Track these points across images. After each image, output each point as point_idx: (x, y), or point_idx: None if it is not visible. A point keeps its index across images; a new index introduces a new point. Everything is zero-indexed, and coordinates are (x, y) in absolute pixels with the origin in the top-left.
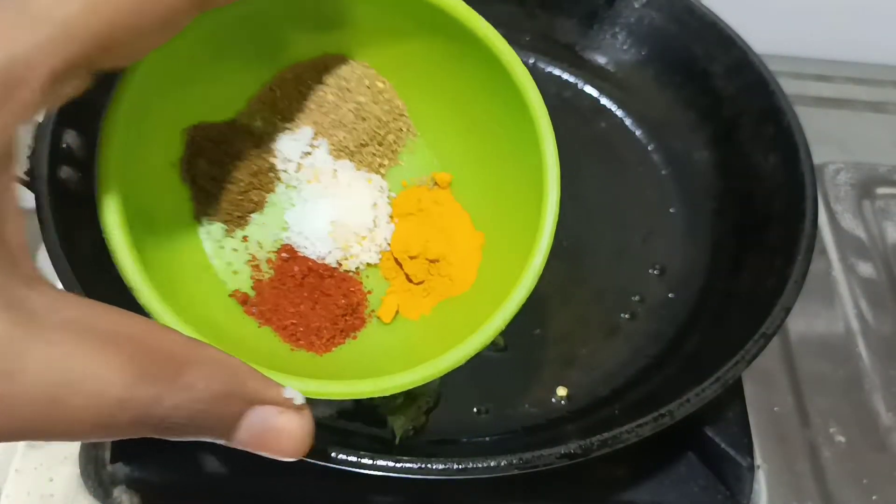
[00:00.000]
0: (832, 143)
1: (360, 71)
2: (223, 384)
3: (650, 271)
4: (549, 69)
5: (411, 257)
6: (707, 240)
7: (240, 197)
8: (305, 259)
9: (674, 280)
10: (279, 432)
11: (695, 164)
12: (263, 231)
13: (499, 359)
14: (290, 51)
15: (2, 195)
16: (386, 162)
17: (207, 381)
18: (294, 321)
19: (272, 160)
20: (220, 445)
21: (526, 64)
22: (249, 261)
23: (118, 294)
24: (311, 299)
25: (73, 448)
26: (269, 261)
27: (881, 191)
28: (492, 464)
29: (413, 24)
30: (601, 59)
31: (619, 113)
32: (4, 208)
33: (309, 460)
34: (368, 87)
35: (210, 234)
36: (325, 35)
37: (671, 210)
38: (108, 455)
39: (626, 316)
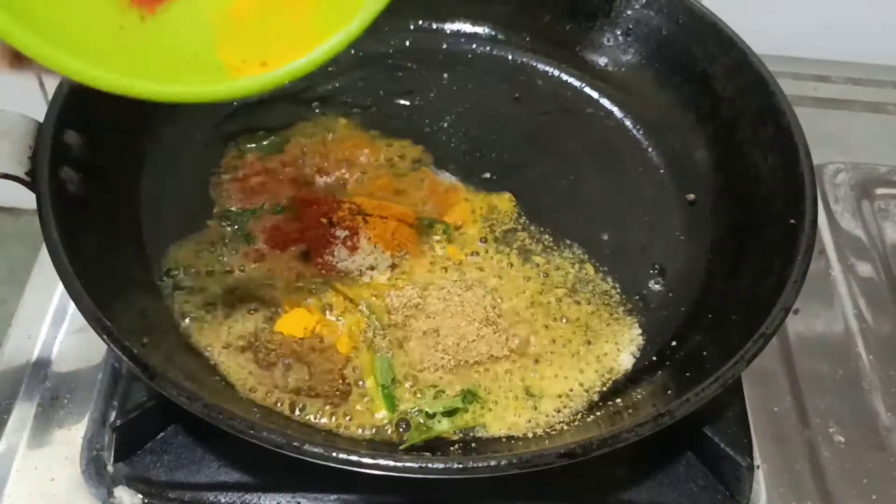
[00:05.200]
0: (832, 143)
1: None
2: None
3: (650, 271)
4: (550, 70)
5: None
6: (707, 240)
7: None
8: None
9: (674, 280)
10: None
11: (695, 165)
12: None
13: None
14: None
15: None
16: None
17: None
18: None
19: None
20: (221, 445)
21: (526, 65)
22: None
23: (118, 293)
24: None
25: (74, 448)
26: None
27: (880, 191)
28: (492, 463)
29: None
30: (601, 60)
31: (619, 114)
32: None
33: (311, 460)
34: None
35: None
36: None
37: (671, 210)
38: (108, 455)
39: (627, 316)
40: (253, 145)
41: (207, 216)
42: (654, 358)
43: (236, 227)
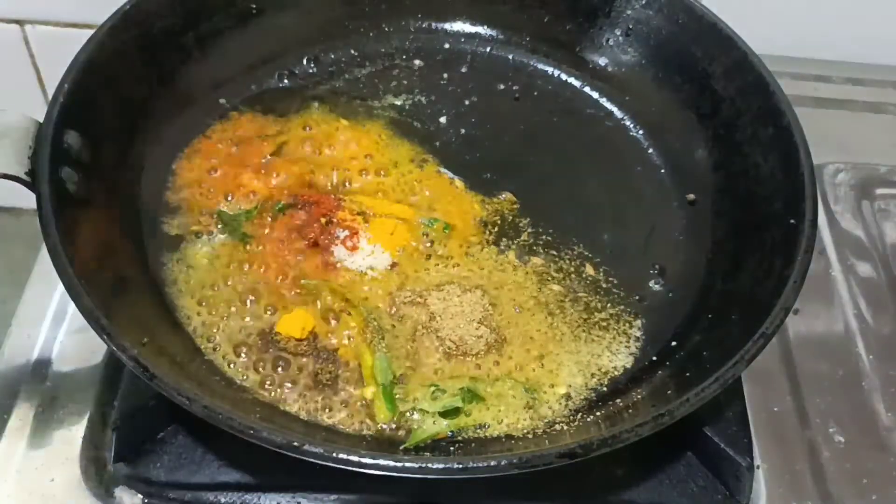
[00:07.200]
0: (832, 143)
1: None
2: None
3: (650, 271)
4: (550, 70)
5: None
6: (707, 240)
7: None
8: None
9: (674, 280)
10: None
11: (695, 165)
12: None
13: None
14: None
15: None
16: None
17: None
18: None
19: None
20: (221, 445)
21: (526, 65)
22: None
23: (118, 293)
24: None
25: (73, 448)
26: None
27: (880, 191)
28: (492, 463)
29: None
30: (601, 60)
31: (619, 114)
32: None
33: (310, 460)
34: None
35: None
36: None
37: (671, 210)
38: (108, 455)
39: (627, 316)
40: None
41: (207, 216)
42: (654, 358)
43: (234, 227)
